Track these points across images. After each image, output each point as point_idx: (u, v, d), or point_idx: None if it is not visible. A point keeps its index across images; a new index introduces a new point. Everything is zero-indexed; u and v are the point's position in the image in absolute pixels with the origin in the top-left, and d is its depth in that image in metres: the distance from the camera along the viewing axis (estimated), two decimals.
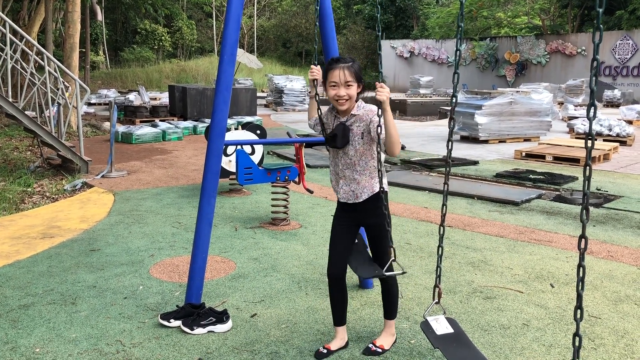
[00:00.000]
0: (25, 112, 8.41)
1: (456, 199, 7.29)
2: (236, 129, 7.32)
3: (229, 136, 6.88)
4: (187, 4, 44.78)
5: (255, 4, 44.48)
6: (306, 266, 4.72)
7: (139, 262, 4.80)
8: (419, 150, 11.49)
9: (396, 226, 5.94)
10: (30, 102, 9.12)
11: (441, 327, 2.85)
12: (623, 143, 12.53)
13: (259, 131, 7.36)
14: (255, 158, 7.15)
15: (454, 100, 2.70)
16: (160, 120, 14.92)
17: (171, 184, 8.13)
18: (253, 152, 7.20)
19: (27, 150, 11.14)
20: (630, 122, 15.76)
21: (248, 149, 7.11)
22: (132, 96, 18.90)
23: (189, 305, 3.62)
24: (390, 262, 3.13)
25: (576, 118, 16.18)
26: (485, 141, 12.75)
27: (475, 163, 9.86)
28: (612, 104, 24.13)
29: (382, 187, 3.02)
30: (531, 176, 8.52)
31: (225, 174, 7.12)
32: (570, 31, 33.17)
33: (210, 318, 3.53)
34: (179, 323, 3.55)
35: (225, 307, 3.81)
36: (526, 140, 13.22)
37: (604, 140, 12.45)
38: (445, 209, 2.92)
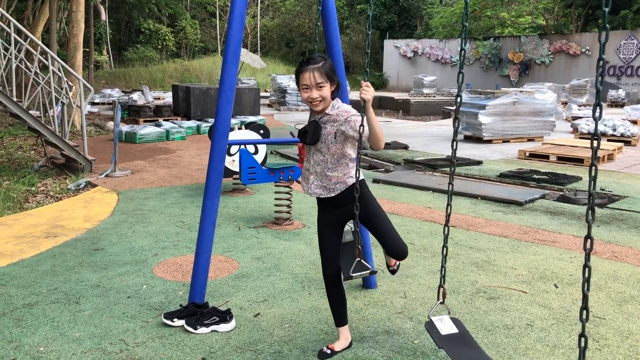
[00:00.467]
0: (30, 112, 8.43)
1: (460, 198, 7.28)
2: (239, 129, 7.32)
3: (233, 136, 6.89)
4: (191, 4, 44.82)
5: (259, 3, 44.51)
6: (309, 266, 4.72)
7: (143, 262, 4.81)
8: (423, 150, 11.47)
9: (399, 226, 5.93)
10: (35, 102, 9.14)
11: (446, 327, 2.84)
12: (627, 143, 12.49)
13: (262, 131, 7.36)
14: (259, 158, 7.15)
15: (459, 100, 2.69)
16: (164, 120, 14.93)
17: (175, 184, 8.14)
18: (256, 152, 7.20)
19: (31, 149, 11.17)
20: (634, 122, 15.70)
21: (251, 149, 7.11)
22: (136, 96, 18.93)
23: (192, 305, 3.62)
24: (355, 263, 3.05)
25: (580, 118, 16.13)
26: (489, 141, 12.73)
27: (478, 163, 9.84)
28: (617, 104, 24.06)
29: (357, 179, 3.02)
30: (535, 176, 8.50)
31: (229, 173, 7.12)
32: (574, 31, 33.10)
33: (214, 317, 3.53)
34: (182, 322, 3.55)
35: (229, 307, 3.81)
36: (530, 140, 13.19)
37: (608, 140, 12.42)
38: (450, 209, 2.91)
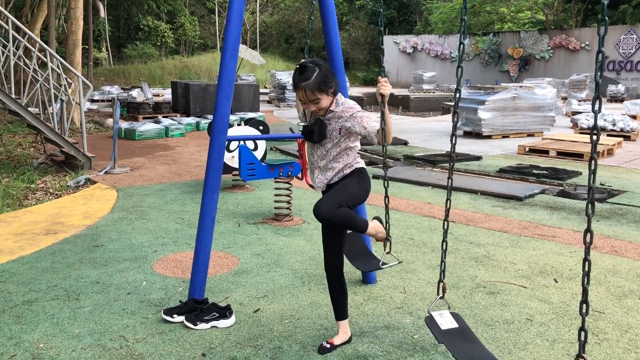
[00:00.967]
0: (29, 109, 8.42)
1: (459, 194, 7.28)
2: (239, 125, 7.31)
3: (232, 132, 6.88)
4: (190, 0, 44.72)
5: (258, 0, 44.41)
6: (309, 261, 4.72)
7: (142, 258, 4.81)
8: (422, 146, 11.46)
9: (399, 221, 5.93)
10: (34, 99, 9.12)
11: (446, 322, 2.84)
12: (627, 138, 12.48)
13: (261, 127, 7.35)
14: (258, 154, 7.15)
15: (458, 95, 2.69)
16: (163, 117, 14.91)
17: (174, 180, 8.14)
18: (256, 148, 7.19)
19: (31, 146, 11.16)
20: (634, 117, 15.69)
21: (251, 145, 7.10)
22: (135, 92, 18.91)
23: (192, 301, 3.62)
24: (383, 255, 3.24)
25: (580, 113, 16.11)
26: (489, 136, 12.72)
27: (478, 158, 9.83)
28: (616, 99, 24.02)
29: (365, 167, 3.13)
30: (534, 171, 8.49)
31: (228, 169, 7.11)
32: (573, 26, 33.03)
33: (214, 313, 3.53)
34: (182, 318, 3.56)
35: (229, 303, 3.81)
36: (529, 135, 13.18)
37: (608, 135, 12.41)
38: (449, 204, 2.91)
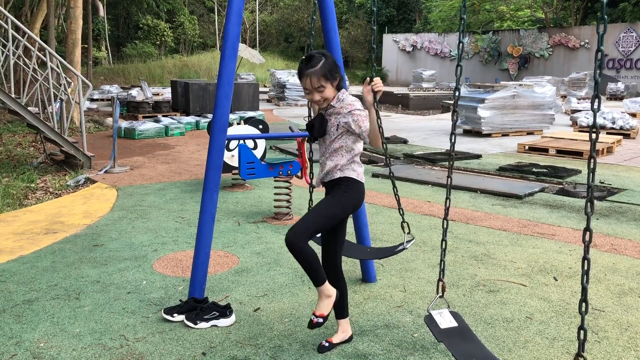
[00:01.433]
0: (28, 108, 8.42)
1: (459, 192, 7.28)
2: (238, 124, 7.32)
3: (232, 131, 6.88)
4: None
5: None
6: None
7: (143, 257, 4.81)
8: (422, 145, 11.46)
9: (399, 220, 5.93)
10: (33, 98, 9.12)
11: (445, 321, 2.85)
12: (626, 136, 12.49)
13: (261, 126, 7.35)
14: (258, 153, 7.15)
15: (457, 94, 2.69)
16: (163, 116, 14.90)
17: (174, 179, 8.14)
18: (255, 147, 7.19)
19: (31, 146, 11.16)
20: (633, 115, 15.69)
21: (251, 144, 7.10)
22: (135, 92, 18.87)
23: (192, 300, 3.62)
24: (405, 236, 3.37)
25: (579, 111, 16.12)
26: (488, 135, 12.72)
27: (478, 157, 9.83)
28: (616, 97, 24.03)
29: (355, 177, 3.08)
30: (534, 169, 8.50)
31: (228, 168, 7.12)
32: (573, 24, 33.03)
33: (214, 312, 3.53)
34: (182, 317, 3.56)
35: (229, 302, 3.81)
36: (529, 133, 13.19)
37: (608, 133, 12.41)
38: (449, 202, 2.91)
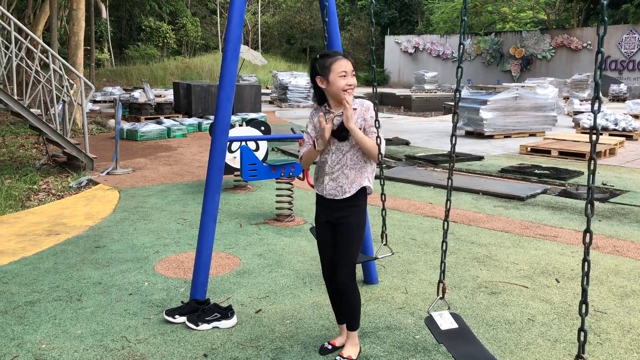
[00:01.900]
0: (31, 110, 8.44)
1: (461, 194, 7.27)
2: (240, 125, 7.32)
3: (233, 132, 6.89)
4: (192, 1, 44.77)
5: (260, 0, 44.43)
6: (311, 262, 4.72)
7: (144, 259, 4.82)
8: (424, 146, 11.46)
9: (401, 222, 5.93)
10: (36, 100, 9.14)
11: (445, 323, 2.85)
12: (629, 137, 12.47)
13: (263, 127, 7.36)
14: (260, 154, 7.15)
15: (458, 95, 2.69)
16: (165, 118, 14.93)
17: (176, 181, 8.15)
18: (257, 149, 7.20)
19: (33, 147, 11.19)
20: (636, 117, 15.64)
21: (252, 145, 7.11)
22: (137, 93, 18.93)
23: (193, 301, 3.62)
24: (380, 247, 3.27)
25: (582, 113, 16.09)
26: (491, 136, 12.71)
27: (480, 158, 9.83)
28: (618, 99, 23.97)
29: (369, 184, 3.04)
30: (536, 171, 8.49)
31: (230, 170, 7.12)
32: (575, 25, 32.99)
33: (215, 314, 3.53)
34: (183, 319, 3.56)
35: (230, 303, 3.81)
36: (531, 135, 13.17)
37: (610, 134, 12.39)
38: (449, 204, 2.91)
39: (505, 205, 6.76)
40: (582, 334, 2.01)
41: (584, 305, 1.97)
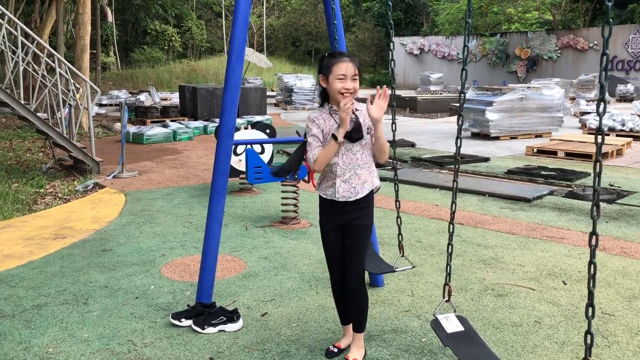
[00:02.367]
0: (37, 114, 8.49)
1: (467, 196, 7.25)
2: (246, 128, 7.33)
3: (239, 135, 6.90)
4: (197, 4, 44.92)
5: (265, 3, 44.52)
6: (316, 265, 4.72)
7: (150, 262, 4.83)
8: (430, 148, 11.44)
9: (407, 224, 5.92)
10: (42, 104, 9.20)
11: (451, 326, 2.84)
12: (637, 138, 12.40)
13: (268, 130, 7.37)
14: (265, 157, 7.16)
15: (462, 97, 2.69)
16: (171, 121, 14.99)
17: (182, 184, 8.17)
18: (263, 151, 7.20)
19: (40, 151, 11.25)
20: None
21: (258, 148, 7.12)
22: (143, 97, 19.01)
23: (199, 305, 3.63)
24: (398, 258, 3.24)
25: (588, 113, 16.02)
26: (497, 138, 12.68)
27: (486, 160, 9.80)
28: (626, 99, 23.87)
29: (379, 184, 3.09)
30: (543, 172, 8.45)
31: (235, 173, 7.13)
32: (581, 26, 32.88)
33: (221, 317, 3.54)
34: (190, 322, 3.57)
35: (236, 306, 3.82)
36: (538, 136, 13.13)
37: (617, 135, 12.33)
38: (455, 206, 2.91)
39: (512, 206, 6.74)
40: (589, 336, 2.00)
41: (590, 308, 1.96)
